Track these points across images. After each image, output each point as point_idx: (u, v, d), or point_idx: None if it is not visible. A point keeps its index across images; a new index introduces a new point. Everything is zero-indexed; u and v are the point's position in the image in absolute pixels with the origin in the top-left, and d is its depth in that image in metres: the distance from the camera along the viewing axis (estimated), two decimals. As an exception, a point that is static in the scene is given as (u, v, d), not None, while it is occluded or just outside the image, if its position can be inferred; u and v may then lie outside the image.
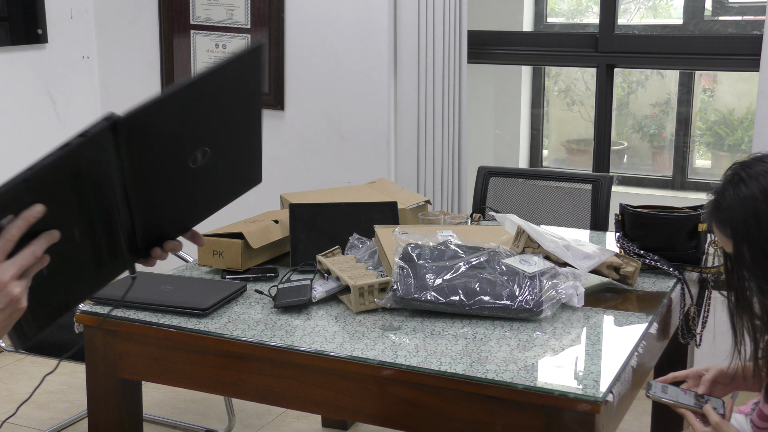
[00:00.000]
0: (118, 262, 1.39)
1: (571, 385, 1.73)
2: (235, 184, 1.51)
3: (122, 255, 1.39)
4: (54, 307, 1.35)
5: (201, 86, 1.32)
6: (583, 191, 3.16)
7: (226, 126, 1.39)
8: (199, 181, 1.40)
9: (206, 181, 1.42)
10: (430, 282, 2.07)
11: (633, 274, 2.25)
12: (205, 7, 3.91)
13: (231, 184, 1.50)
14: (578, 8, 4.83)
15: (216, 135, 1.38)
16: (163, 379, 2.14)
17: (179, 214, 1.43)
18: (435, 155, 3.65)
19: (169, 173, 1.35)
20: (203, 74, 1.31)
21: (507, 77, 4.75)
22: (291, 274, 2.32)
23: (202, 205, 1.46)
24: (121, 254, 1.38)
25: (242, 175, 1.51)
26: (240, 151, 1.46)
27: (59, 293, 1.34)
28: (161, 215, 1.40)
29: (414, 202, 2.76)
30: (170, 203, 1.40)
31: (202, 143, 1.35)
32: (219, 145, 1.39)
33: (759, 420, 1.91)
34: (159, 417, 3.30)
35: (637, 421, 3.22)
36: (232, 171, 1.47)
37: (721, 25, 4.37)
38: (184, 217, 1.44)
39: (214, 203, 1.49)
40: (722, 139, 4.61)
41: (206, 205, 1.47)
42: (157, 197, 1.36)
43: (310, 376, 1.94)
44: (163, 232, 1.42)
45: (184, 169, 1.35)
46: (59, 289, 1.33)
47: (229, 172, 1.46)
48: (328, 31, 3.72)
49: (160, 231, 1.41)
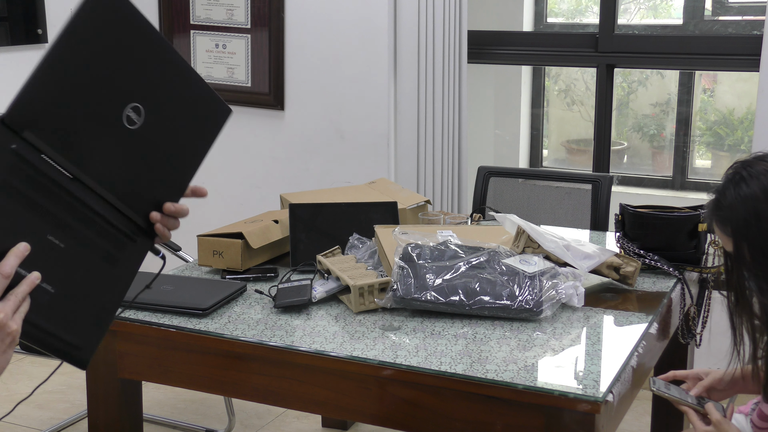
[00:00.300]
0: (130, 249, 1.38)
1: (571, 385, 1.73)
2: (202, 127, 1.45)
3: (129, 242, 1.37)
4: (93, 319, 1.34)
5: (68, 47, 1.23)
6: (583, 191, 3.16)
7: (141, 75, 1.32)
8: (152, 137, 1.35)
9: (164, 135, 1.37)
10: (430, 282, 2.07)
11: (633, 274, 2.25)
12: (205, 7, 3.91)
13: (197, 128, 1.44)
14: (578, 8, 4.83)
15: (135, 87, 1.31)
16: (163, 379, 2.14)
17: (155, 176, 1.39)
18: (435, 155, 3.65)
19: (108, 142, 1.30)
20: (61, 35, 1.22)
21: (507, 77, 4.75)
22: (291, 274, 2.32)
23: (177, 159, 1.42)
24: (127, 241, 1.36)
25: (204, 116, 1.44)
26: (183, 94, 1.39)
27: (87, 304, 1.32)
28: (135, 185, 1.36)
29: (414, 202, 2.76)
30: (134, 169, 1.35)
31: (123, 101, 1.30)
32: (148, 96, 1.33)
33: (759, 420, 1.91)
34: (159, 417, 3.30)
35: (637, 421, 3.22)
36: (188, 116, 1.41)
37: (721, 25, 4.37)
38: (165, 175, 1.40)
39: (190, 153, 1.44)
40: (722, 139, 4.61)
41: (181, 158, 1.42)
42: (113, 171, 1.32)
43: (310, 376, 1.94)
44: (155, 201, 1.39)
45: (122, 131, 1.31)
46: (84, 300, 1.32)
47: (184, 117, 1.41)
48: (328, 31, 3.72)
49: (150, 202, 1.38)
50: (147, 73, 1.33)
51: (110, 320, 1.37)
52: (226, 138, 3.99)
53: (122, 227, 1.35)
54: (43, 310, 1.25)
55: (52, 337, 1.29)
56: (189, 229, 3.35)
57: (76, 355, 1.32)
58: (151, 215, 1.38)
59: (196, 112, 1.43)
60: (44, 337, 1.28)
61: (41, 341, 1.29)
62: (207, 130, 1.45)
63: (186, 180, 1.44)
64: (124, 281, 1.38)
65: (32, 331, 1.26)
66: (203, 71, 3.95)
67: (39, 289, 1.24)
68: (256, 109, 3.90)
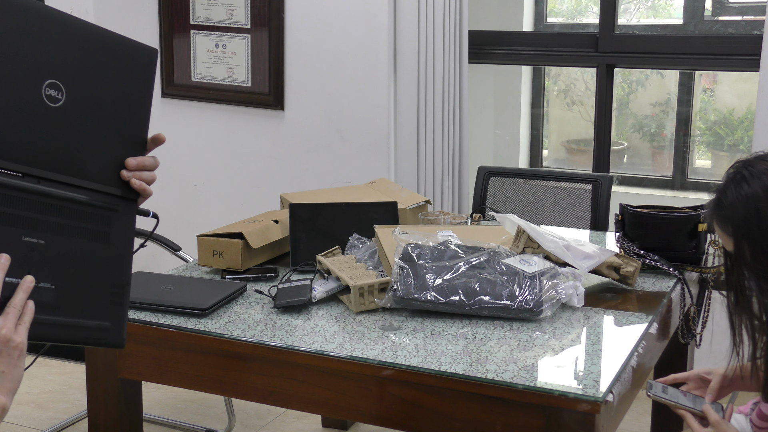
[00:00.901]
0: (116, 220, 1.36)
1: (571, 385, 1.73)
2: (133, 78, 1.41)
3: (112, 213, 1.35)
4: (108, 297, 1.33)
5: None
6: (583, 191, 3.16)
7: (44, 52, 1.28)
8: (82, 107, 1.33)
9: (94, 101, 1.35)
10: (430, 282, 2.07)
11: (633, 274, 2.25)
12: (205, 7, 3.91)
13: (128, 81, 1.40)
14: (578, 8, 4.83)
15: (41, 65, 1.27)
16: (163, 379, 2.14)
17: (108, 142, 1.37)
18: (435, 155, 3.65)
19: (41, 128, 1.27)
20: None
21: (507, 77, 4.75)
22: (291, 274, 2.32)
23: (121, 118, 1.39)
24: (109, 213, 1.35)
25: (130, 67, 1.41)
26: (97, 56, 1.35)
27: (95, 285, 1.32)
28: (90, 158, 1.34)
29: (414, 202, 2.76)
30: (81, 143, 1.33)
31: (36, 82, 1.27)
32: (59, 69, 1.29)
33: (758, 420, 1.91)
34: (159, 417, 3.30)
35: (637, 421, 3.22)
36: (112, 73, 1.38)
37: (721, 25, 4.37)
38: (117, 138, 1.38)
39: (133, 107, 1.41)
40: (722, 139, 4.61)
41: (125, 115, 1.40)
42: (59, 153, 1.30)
43: (310, 376, 1.94)
44: (120, 165, 1.38)
45: (49, 111, 1.28)
46: (89, 283, 1.32)
47: (109, 76, 1.37)
48: (328, 31, 3.72)
49: (114, 167, 1.37)
50: (50, 48, 1.29)
51: (127, 294, 1.37)
52: (226, 138, 4.00)
53: (97, 203, 1.34)
54: (52, 307, 1.26)
55: (75, 328, 1.29)
56: (189, 229, 3.36)
57: (108, 336, 1.33)
58: (121, 173, 1.38)
59: (119, 67, 1.39)
60: (67, 331, 1.29)
61: (67, 336, 1.29)
62: (139, 78, 1.42)
63: (140, 134, 1.42)
64: (124, 252, 1.38)
65: (52, 330, 1.26)
66: (203, 71, 3.95)
67: (39, 290, 1.24)
68: (256, 109, 3.90)
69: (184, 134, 4.04)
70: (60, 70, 1.30)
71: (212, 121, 4.01)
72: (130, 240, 1.39)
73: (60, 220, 1.29)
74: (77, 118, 1.32)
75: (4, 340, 1.20)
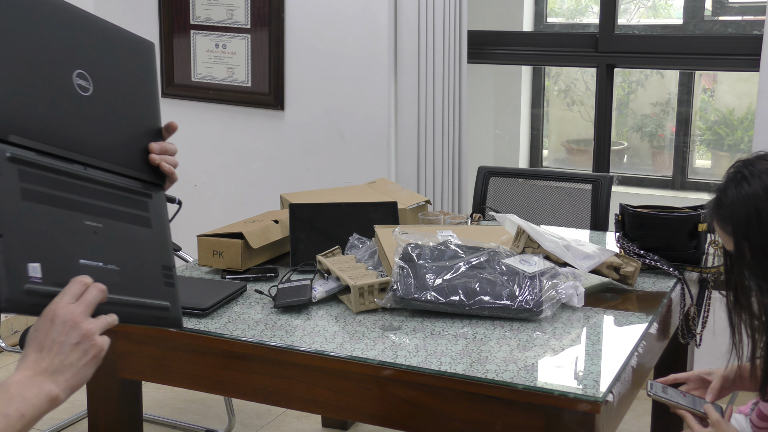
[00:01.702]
0: (152, 205, 1.42)
1: (571, 385, 1.73)
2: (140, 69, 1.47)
3: (148, 199, 1.41)
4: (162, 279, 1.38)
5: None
6: (583, 191, 3.16)
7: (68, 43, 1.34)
8: (107, 95, 1.38)
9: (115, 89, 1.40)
10: (430, 282, 2.07)
11: (633, 274, 2.25)
12: (205, 7, 3.91)
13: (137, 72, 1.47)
14: (578, 8, 4.83)
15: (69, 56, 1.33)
16: (163, 379, 2.14)
17: (132, 130, 1.42)
18: (435, 155, 3.65)
19: (77, 115, 1.32)
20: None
21: (507, 77, 4.75)
22: (291, 274, 2.32)
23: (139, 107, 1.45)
24: (146, 200, 1.40)
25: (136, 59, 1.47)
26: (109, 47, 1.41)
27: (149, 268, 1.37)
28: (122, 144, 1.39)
29: (414, 202, 2.76)
30: (111, 130, 1.38)
31: (68, 72, 1.32)
32: (84, 59, 1.35)
33: (758, 420, 1.92)
34: (159, 417, 3.30)
35: (637, 421, 3.22)
36: (123, 64, 1.44)
37: (721, 25, 4.37)
38: (138, 125, 1.43)
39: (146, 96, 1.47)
40: (722, 139, 4.61)
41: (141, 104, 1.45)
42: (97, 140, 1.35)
43: (310, 376, 1.94)
44: (144, 151, 1.43)
45: (82, 100, 1.33)
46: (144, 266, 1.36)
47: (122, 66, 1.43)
48: (328, 31, 3.72)
49: (140, 154, 1.42)
50: (75, 39, 1.35)
51: (175, 276, 1.42)
52: (226, 138, 4.00)
53: (135, 188, 1.39)
54: (120, 287, 1.29)
55: (143, 308, 1.33)
56: (189, 229, 3.35)
57: (168, 316, 1.37)
58: (151, 157, 1.42)
59: (128, 58, 1.45)
60: (136, 311, 1.32)
61: (136, 316, 1.33)
62: (145, 69, 1.48)
63: (156, 121, 1.47)
64: (164, 236, 1.42)
65: (124, 309, 1.29)
66: (203, 71, 3.95)
67: (107, 271, 1.28)
68: (256, 109, 3.90)
69: (184, 134, 4.03)
70: (85, 60, 1.35)
71: (212, 121, 4.01)
72: (166, 225, 1.44)
73: (108, 204, 1.33)
74: (104, 107, 1.37)
75: (89, 334, 1.20)
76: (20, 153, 1.22)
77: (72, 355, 1.19)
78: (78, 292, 1.20)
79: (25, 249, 1.17)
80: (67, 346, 1.18)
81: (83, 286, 1.21)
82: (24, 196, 1.20)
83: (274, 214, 2.64)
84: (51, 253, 1.21)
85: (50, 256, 1.20)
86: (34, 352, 1.18)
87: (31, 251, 1.18)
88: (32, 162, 1.23)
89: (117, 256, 1.31)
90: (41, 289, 1.18)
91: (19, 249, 1.17)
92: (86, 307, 1.20)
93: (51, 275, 1.19)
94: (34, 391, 1.16)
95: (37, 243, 1.19)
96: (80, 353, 1.20)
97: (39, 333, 1.19)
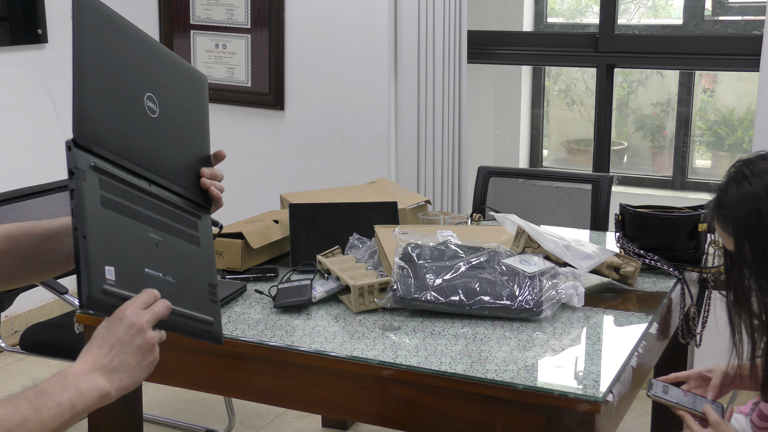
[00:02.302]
0: (201, 226, 1.48)
1: (571, 385, 1.73)
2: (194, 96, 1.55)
3: (198, 219, 1.47)
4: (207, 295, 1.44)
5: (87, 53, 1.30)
6: (583, 191, 3.16)
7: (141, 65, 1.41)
8: (171, 119, 1.45)
9: (177, 114, 1.48)
10: (430, 282, 2.07)
11: (633, 274, 2.25)
12: (205, 7, 3.91)
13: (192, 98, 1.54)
14: (578, 8, 4.83)
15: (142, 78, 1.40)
16: (163, 379, 2.14)
17: (188, 153, 1.50)
18: (435, 155, 3.65)
19: (147, 134, 1.39)
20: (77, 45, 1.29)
21: (507, 77, 4.75)
22: (291, 274, 2.32)
23: (194, 132, 1.53)
24: (196, 220, 1.47)
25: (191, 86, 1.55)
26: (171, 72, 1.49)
27: (198, 284, 1.43)
28: (180, 166, 1.47)
29: (414, 202, 2.75)
30: (172, 152, 1.46)
31: (140, 93, 1.39)
32: (153, 83, 1.42)
33: (759, 420, 1.91)
34: (159, 417, 3.30)
35: (637, 421, 3.22)
36: (183, 90, 1.51)
37: (721, 25, 4.37)
38: (193, 150, 1.51)
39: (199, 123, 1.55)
40: (722, 139, 4.61)
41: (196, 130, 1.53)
42: (161, 159, 1.42)
43: (310, 376, 1.94)
44: (197, 175, 1.50)
45: (151, 121, 1.40)
46: (194, 282, 1.42)
47: (181, 92, 1.51)
48: (328, 31, 3.72)
49: (193, 177, 1.49)
50: (146, 64, 1.42)
51: (218, 294, 1.48)
52: (226, 138, 4.00)
53: (188, 208, 1.46)
54: (176, 298, 1.35)
55: (192, 320, 1.39)
56: (189, 229, 3.35)
57: (212, 330, 1.44)
58: (202, 181, 1.49)
59: (186, 87, 1.53)
60: (187, 323, 1.39)
61: (187, 327, 1.39)
62: (199, 97, 1.56)
63: (206, 148, 1.55)
64: (210, 256, 1.49)
65: (177, 319, 1.36)
66: (203, 71, 3.95)
67: (165, 282, 1.34)
68: (256, 109, 3.90)
69: (184, 134, 4.04)
70: (154, 85, 1.42)
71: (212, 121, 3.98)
72: (212, 246, 1.51)
73: (168, 220, 1.40)
74: (167, 129, 1.44)
75: (151, 341, 1.28)
76: (101, 163, 1.29)
77: (132, 357, 1.25)
78: (148, 301, 1.28)
79: (103, 252, 1.24)
80: (130, 347, 1.25)
81: (154, 297, 1.28)
82: (103, 203, 1.27)
83: (274, 214, 2.64)
84: (123, 259, 1.28)
85: (122, 262, 1.27)
86: (97, 347, 1.24)
87: (107, 255, 1.25)
88: (110, 173, 1.30)
89: (174, 268, 1.37)
90: (116, 291, 1.25)
91: (99, 251, 1.23)
92: (152, 317, 1.27)
93: (122, 280, 1.26)
94: (89, 385, 1.21)
95: (113, 248, 1.26)
96: (140, 357, 1.26)
97: (107, 330, 1.25)
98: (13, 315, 3.89)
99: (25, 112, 3.92)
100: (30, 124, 3.93)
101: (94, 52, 1.30)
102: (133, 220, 1.32)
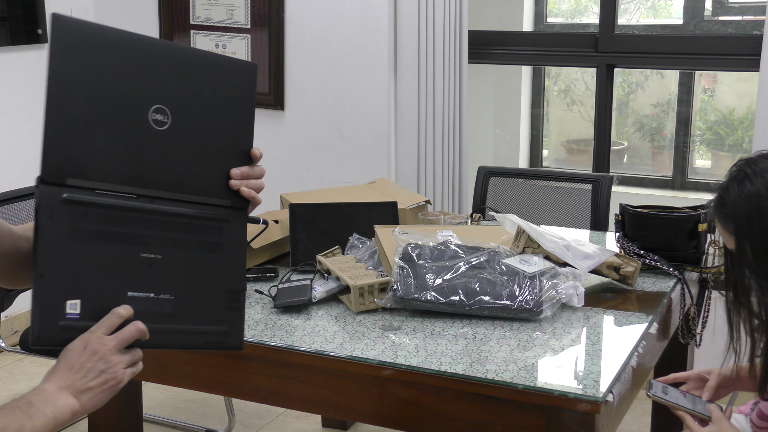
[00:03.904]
0: (228, 229, 1.45)
1: (571, 385, 1.73)
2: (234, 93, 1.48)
3: (223, 223, 1.45)
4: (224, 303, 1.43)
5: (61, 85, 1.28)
6: (583, 191, 3.16)
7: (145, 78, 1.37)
8: (189, 126, 1.41)
9: (199, 119, 1.43)
10: (430, 282, 2.07)
11: (633, 274, 2.25)
12: (205, 7, 3.91)
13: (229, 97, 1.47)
14: (578, 8, 4.83)
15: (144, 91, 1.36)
16: (163, 379, 2.14)
17: (215, 157, 1.45)
18: (435, 155, 3.65)
19: (148, 151, 1.36)
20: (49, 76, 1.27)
21: (507, 77, 4.75)
22: (291, 274, 2.32)
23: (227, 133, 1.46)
24: (221, 224, 1.44)
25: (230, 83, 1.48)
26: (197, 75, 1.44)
27: (212, 293, 1.42)
28: (199, 173, 1.43)
29: (414, 202, 2.75)
30: (189, 160, 1.42)
31: (141, 108, 1.35)
32: (163, 93, 1.38)
33: (758, 419, 1.91)
34: (159, 417, 3.30)
35: (637, 421, 3.22)
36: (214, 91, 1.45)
37: (721, 25, 4.37)
38: (224, 151, 1.46)
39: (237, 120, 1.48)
40: (722, 139, 4.61)
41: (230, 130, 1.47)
42: (169, 172, 1.39)
43: (310, 376, 1.94)
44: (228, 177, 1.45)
45: (156, 135, 1.37)
46: (206, 291, 1.41)
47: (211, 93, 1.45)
48: (328, 31, 3.72)
49: (224, 180, 1.45)
50: (153, 75, 1.38)
51: (243, 299, 1.46)
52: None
53: (207, 215, 1.43)
54: (172, 316, 1.36)
55: (195, 334, 1.40)
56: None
57: (226, 339, 1.43)
58: (231, 183, 1.46)
59: (220, 85, 1.46)
60: (188, 338, 1.39)
61: (188, 342, 1.40)
62: (240, 93, 1.49)
63: (245, 146, 1.49)
64: (238, 260, 1.47)
65: (174, 337, 1.37)
66: (203, 71, 3.95)
67: (159, 301, 1.35)
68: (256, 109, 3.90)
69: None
70: (164, 94, 1.38)
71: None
72: (243, 247, 1.48)
73: (174, 234, 1.39)
74: (184, 138, 1.41)
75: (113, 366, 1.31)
76: (77, 195, 1.28)
77: (93, 381, 1.29)
78: (114, 324, 1.30)
79: (66, 287, 1.26)
80: (92, 372, 1.29)
81: (120, 318, 1.30)
82: (74, 235, 1.27)
83: (274, 214, 2.64)
84: (95, 288, 1.29)
85: (93, 292, 1.29)
86: (63, 369, 1.29)
87: (71, 290, 1.27)
88: (88, 202, 1.29)
89: (173, 285, 1.37)
90: (76, 325, 1.28)
91: (60, 288, 1.26)
92: (119, 342, 1.30)
93: (92, 310, 1.29)
94: (63, 402, 1.27)
95: (80, 280, 1.28)
96: (101, 381, 1.30)
97: (71, 354, 1.29)
98: (13, 315, 3.89)
99: (25, 112, 3.92)
100: (30, 124, 3.93)
101: (70, 81, 1.28)
102: (117, 244, 1.32)
